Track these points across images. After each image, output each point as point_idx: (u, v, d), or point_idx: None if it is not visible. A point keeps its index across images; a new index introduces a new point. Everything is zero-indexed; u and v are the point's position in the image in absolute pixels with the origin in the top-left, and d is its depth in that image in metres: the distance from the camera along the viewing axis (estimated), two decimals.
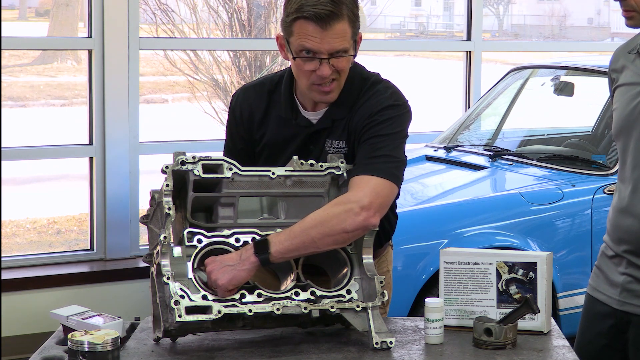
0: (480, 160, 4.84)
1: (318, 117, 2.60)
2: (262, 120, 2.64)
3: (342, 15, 2.44)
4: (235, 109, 2.69)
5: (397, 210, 2.76)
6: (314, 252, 2.41)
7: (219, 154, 2.56)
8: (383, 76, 2.64)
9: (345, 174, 2.49)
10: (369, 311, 2.38)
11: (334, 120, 2.58)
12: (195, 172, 2.38)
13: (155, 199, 2.40)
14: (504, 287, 2.51)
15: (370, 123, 2.51)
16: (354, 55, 2.54)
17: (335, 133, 2.58)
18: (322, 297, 2.38)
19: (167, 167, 2.37)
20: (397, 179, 2.48)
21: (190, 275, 2.32)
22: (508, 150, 4.94)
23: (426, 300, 2.46)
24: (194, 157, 2.39)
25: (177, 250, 2.34)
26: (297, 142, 2.61)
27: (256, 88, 2.68)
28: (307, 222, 2.38)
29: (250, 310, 2.31)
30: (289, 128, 2.61)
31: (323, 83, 2.49)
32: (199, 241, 2.38)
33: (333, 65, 2.47)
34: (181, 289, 2.27)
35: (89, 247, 4.90)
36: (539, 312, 2.45)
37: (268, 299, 2.34)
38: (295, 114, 2.61)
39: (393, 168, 2.47)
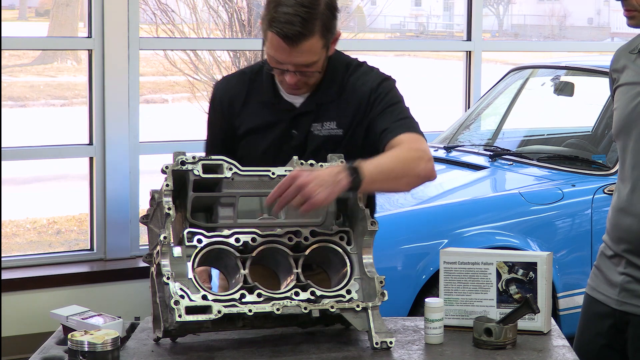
0: (480, 160, 4.84)
1: (301, 100, 2.59)
2: (242, 107, 2.65)
3: (312, 33, 2.43)
4: (215, 97, 2.71)
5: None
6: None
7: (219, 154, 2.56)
8: None
9: None
10: (369, 311, 2.38)
11: (319, 104, 2.58)
12: (195, 172, 2.38)
13: (155, 199, 2.40)
14: (504, 287, 2.51)
15: (377, 98, 2.54)
16: (324, 60, 2.52)
17: (324, 116, 2.58)
18: (322, 297, 2.38)
19: (167, 167, 2.36)
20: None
21: (190, 275, 2.32)
22: (508, 150, 4.94)
23: (426, 300, 2.46)
24: (194, 157, 2.39)
25: (177, 250, 2.33)
26: (280, 127, 2.60)
27: (236, 76, 2.71)
28: (389, 157, 2.39)
29: (250, 310, 2.31)
30: (271, 113, 2.61)
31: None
32: (199, 241, 2.37)
33: (300, 74, 2.48)
34: (181, 289, 2.27)
35: (89, 247, 4.91)
36: (539, 312, 2.45)
37: (268, 299, 2.34)
38: (278, 99, 2.61)
39: (419, 128, 2.52)
